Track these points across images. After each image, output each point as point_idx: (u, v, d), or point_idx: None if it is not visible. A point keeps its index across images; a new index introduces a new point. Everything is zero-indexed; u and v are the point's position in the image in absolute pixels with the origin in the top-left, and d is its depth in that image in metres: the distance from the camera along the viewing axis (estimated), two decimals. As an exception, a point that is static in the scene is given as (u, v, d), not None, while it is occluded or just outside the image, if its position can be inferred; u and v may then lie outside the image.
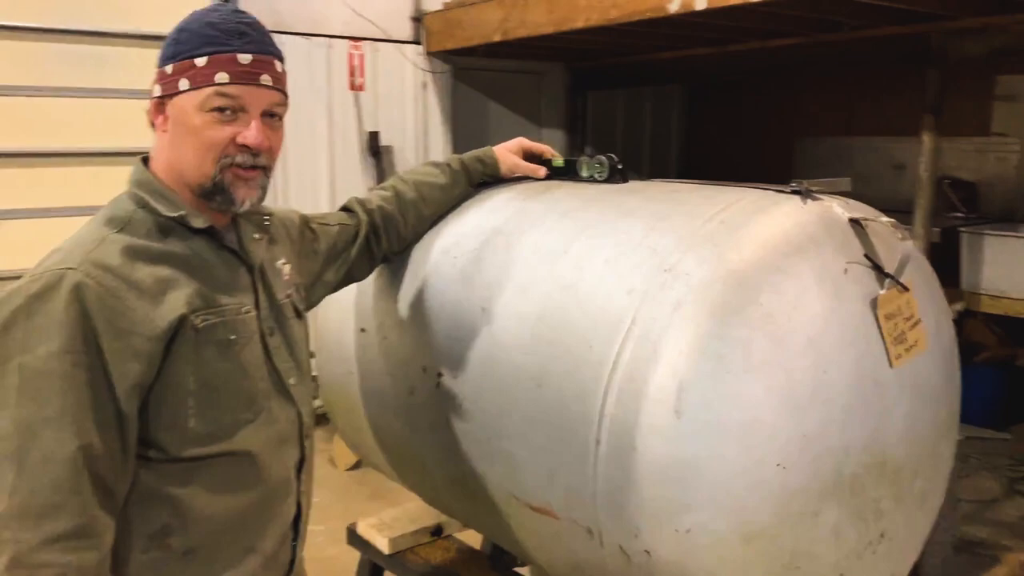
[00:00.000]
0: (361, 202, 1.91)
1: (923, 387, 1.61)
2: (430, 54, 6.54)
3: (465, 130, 6.89)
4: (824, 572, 1.52)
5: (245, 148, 1.38)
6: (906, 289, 1.55)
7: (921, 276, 1.68)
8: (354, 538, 2.46)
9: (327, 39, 6.04)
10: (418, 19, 6.50)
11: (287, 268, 1.61)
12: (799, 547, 1.46)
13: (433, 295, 1.88)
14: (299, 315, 1.61)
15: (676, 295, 1.45)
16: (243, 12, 1.43)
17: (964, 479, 4.41)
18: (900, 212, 5.00)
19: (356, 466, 5.16)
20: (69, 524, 1.23)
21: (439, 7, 6.46)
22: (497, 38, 5.78)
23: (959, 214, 5.70)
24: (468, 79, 6.84)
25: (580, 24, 5.20)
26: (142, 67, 5.07)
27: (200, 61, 1.35)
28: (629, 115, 8.19)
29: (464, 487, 1.83)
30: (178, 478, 1.36)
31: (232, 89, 1.35)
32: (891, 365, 1.53)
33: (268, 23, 1.51)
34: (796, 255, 1.47)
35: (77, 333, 1.25)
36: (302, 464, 1.54)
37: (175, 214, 1.39)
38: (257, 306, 1.47)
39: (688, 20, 4.73)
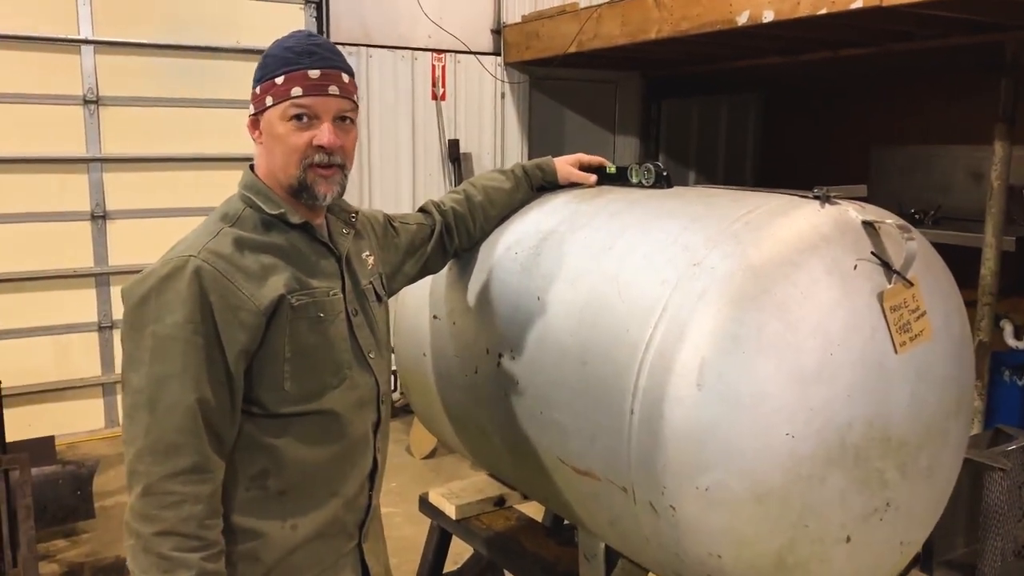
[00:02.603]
0: (436, 204, 2.19)
1: (929, 372, 1.79)
2: (508, 65, 6.82)
3: (541, 138, 7.13)
4: (831, 532, 1.71)
5: (320, 148, 1.62)
6: (911, 284, 1.73)
7: (931, 273, 1.85)
8: (425, 505, 2.74)
9: (412, 52, 6.39)
10: (497, 32, 6.80)
11: (371, 259, 1.88)
12: (807, 508, 1.66)
13: (497, 286, 2.15)
14: (380, 299, 1.87)
15: (702, 285, 1.67)
16: (315, 35, 1.72)
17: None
18: (977, 221, 5.05)
19: (431, 455, 5.46)
20: (189, 461, 1.52)
21: (517, 20, 6.73)
22: (573, 49, 6.01)
23: (1038, 223, 5.64)
24: (545, 88, 7.09)
25: (652, 35, 5.38)
26: (242, 79, 5.57)
27: (279, 80, 1.61)
28: (704, 122, 8.30)
29: (519, 454, 2.08)
30: (275, 431, 1.64)
31: (305, 100, 1.61)
32: (896, 351, 1.72)
33: (358, 38, 1.74)
34: (808, 252, 1.68)
35: (196, 307, 1.53)
36: (379, 425, 1.81)
37: (276, 212, 1.66)
38: (343, 290, 1.74)
39: (758, 31, 4.86)
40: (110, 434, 5.68)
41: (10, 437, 3.71)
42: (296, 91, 1.60)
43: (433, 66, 6.49)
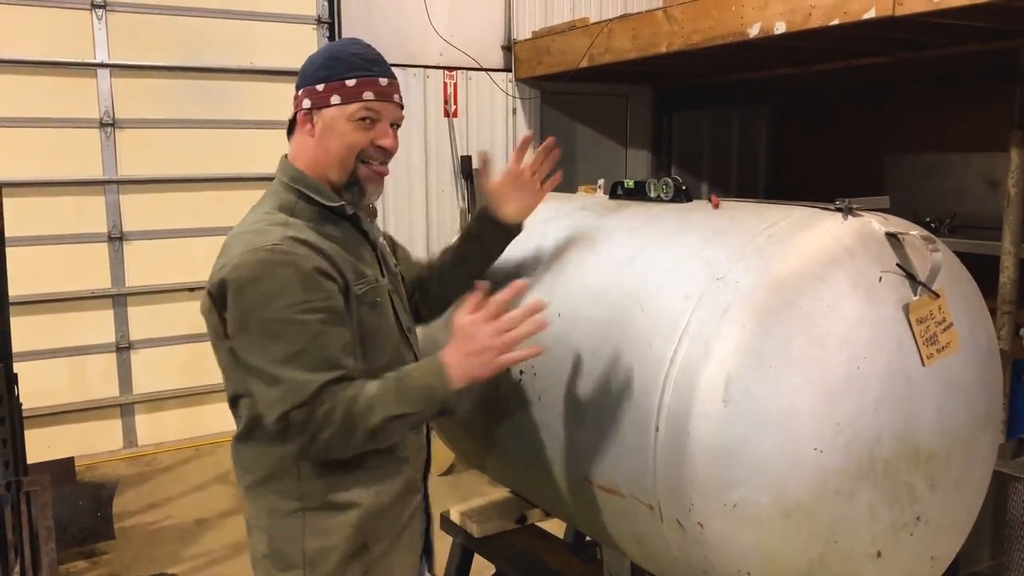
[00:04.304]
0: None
1: (956, 384, 1.77)
2: (519, 80, 6.84)
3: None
4: (861, 547, 1.69)
5: (382, 149, 1.74)
6: (937, 296, 1.72)
7: (956, 284, 1.83)
8: (447, 524, 2.72)
9: (423, 69, 6.42)
10: (508, 48, 6.82)
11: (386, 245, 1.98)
12: (837, 523, 1.65)
13: (515, 302, 2.13)
14: (404, 280, 1.99)
15: (726, 300, 1.66)
16: (371, 46, 1.81)
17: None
18: (994, 228, 5.02)
19: (448, 471, 5.44)
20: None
21: (528, 36, 6.76)
22: (584, 64, 6.02)
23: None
24: (556, 103, 7.10)
25: (663, 49, 5.38)
26: (257, 99, 5.58)
27: (350, 82, 1.70)
28: (715, 134, 8.29)
29: (542, 471, 2.07)
30: None
31: (375, 104, 1.72)
32: (923, 364, 1.70)
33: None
34: (833, 265, 1.67)
35: (299, 288, 1.58)
36: None
37: (336, 204, 1.74)
38: (382, 274, 1.83)
39: (769, 43, 4.86)
40: (128, 455, 5.69)
41: (30, 459, 3.72)
42: (368, 95, 1.71)
43: (445, 83, 6.52)
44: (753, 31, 4.74)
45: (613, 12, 6.76)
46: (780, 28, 4.58)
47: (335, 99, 1.70)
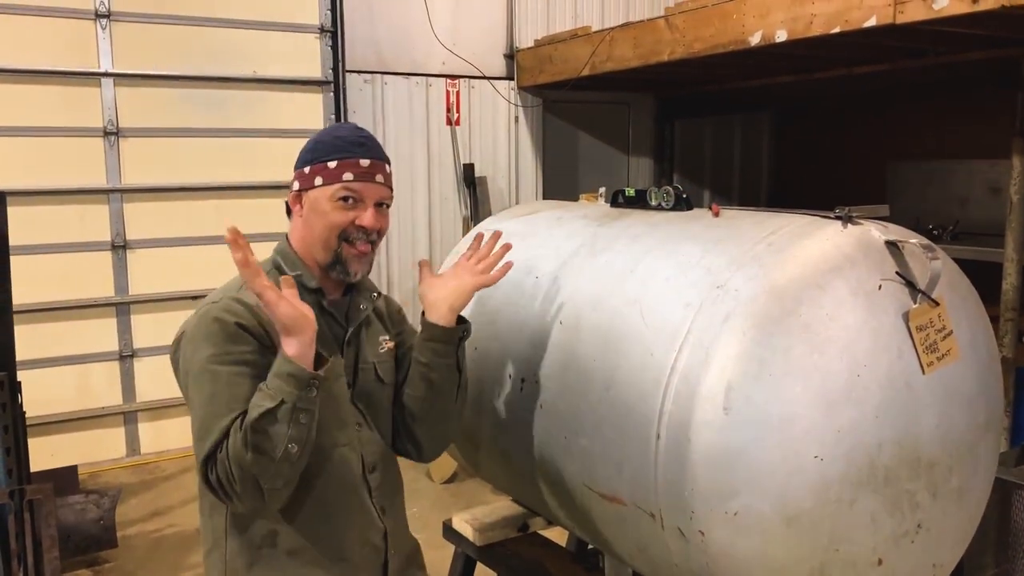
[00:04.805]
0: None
1: (957, 392, 1.78)
2: (522, 89, 6.87)
3: (555, 160, 7.16)
4: (863, 555, 1.69)
5: (362, 229, 1.77)
6: (937, 303, 1.72)
7: (957, 292, 1.84)
8: (449, 532, 2.72)
9: (426, 78, 6.44)
10: (511, 56, 6.85)
11: (388, 344, 1.92)
12: (838, 531, 1.65)
13: (517, 311, 2.15)
14: (381, 380, 1.89)
15: (726, 308, 1.67)
16: (362, 128, 1.86)
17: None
18: (996, 235, 5.02)
19: (451, 479, 5.44)
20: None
21: (530, 45, 6.78)
22: (586, 72, 6.04)
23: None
24: (558, 111, 7.12)
25: (665, 57, 5.40)
26: (259, 108, 5.60)
27: (331, 164, 1.76)
28: (717, 142, 8.30)
29: (545, 479, 2.07)
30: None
31: (354, 185, 1.76)
32: (923, 371, 1.71)
33: (373, 65, 1.75)
34: (833, 273, 1.68)
35: (217, 344, 1.65)
36: (371, 492, 1.82)
37: (294, 273, 1.76)
38: (341, 355, 1.79)
39: (770, 51, 4.88)
40: (131, 463, 5.69)
41: (34, 467, 3.72)
42: (347, 176, 1.76)
43: (447, 92, 6.54)
44: (755, 39, 4.75)
45: (615, 20, 6.78)
46: (781, 36, 4.59)
47: (318, 180, 1.76)
